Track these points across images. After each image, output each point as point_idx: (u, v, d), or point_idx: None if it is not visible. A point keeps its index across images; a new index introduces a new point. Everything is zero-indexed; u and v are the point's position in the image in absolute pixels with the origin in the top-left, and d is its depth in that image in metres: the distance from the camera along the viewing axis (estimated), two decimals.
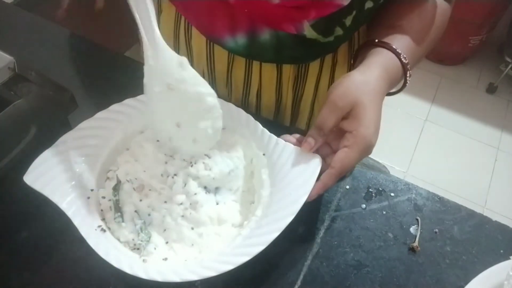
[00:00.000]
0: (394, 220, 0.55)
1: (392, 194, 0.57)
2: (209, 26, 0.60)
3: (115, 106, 0.54)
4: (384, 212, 0.56)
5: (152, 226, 0.48)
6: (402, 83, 0.56)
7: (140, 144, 0.53)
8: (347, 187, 0.58)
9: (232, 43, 0.59)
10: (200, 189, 0.49)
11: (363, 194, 0.57)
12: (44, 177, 0.46)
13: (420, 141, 1.87)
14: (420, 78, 2.06)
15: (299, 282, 0.49)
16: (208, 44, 0.63)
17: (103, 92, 0.67)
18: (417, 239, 0.53)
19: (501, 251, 0.53)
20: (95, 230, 0.45)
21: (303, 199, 0.46)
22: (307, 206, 0.46)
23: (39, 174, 0.46)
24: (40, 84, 0.51)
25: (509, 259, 0.50)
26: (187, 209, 0.48)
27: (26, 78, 0.52)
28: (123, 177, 0.50)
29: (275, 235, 0.43)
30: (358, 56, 0.58)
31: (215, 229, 0.48)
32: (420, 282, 0.50)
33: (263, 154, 0.52)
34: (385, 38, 0.54)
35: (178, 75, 0.46)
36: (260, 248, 0.42)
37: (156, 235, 0.47)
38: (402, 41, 0.54)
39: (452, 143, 1.87)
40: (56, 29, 0.76)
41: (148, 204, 0.48)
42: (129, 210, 0.48)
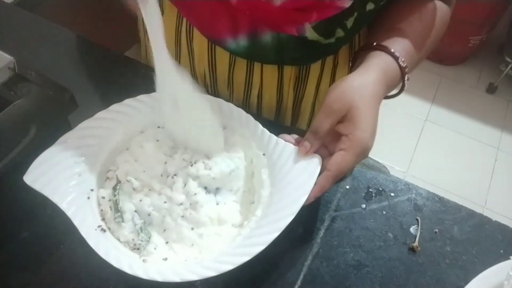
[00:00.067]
0: (394, 220, 0.55)
1: (392, 194, 0.57)
2: (210, 27, 0.60)
3: (115, 106, 0.54)
4: (384, 212, 0.56)
5: (152, 226, 0.48)
6: (400, 87, 0.56)
7: (140, 144, 0.53)
8: (347, 187, 0.58)
9: (233, 44, 0.59)
10: (200, 189, 0.49)
11: (363, 194, 0.57)
12: (44, 177, 0.46)
13: (420, 141, 1.87)
14: (420, 78, 2.05)
15: (299, 282, 0.49)
16: (209, 45, 0.63)
17: (103, 92, 0.67)
18: (417, 239, 0.53)
19: (501, 251, 0.53)
20: (95, 230, 0.45)
21: (303, 199, 0.46)
22: (307, 206, 0.46)
23: (39, 174, 0.46)
24: (40, 84, 0.51)
25: (509, 259, 0.50)
26: (187, 209, 0.48)
27: (26, 78, 0.52)
28: (123, 177, 0.50)
29: (275, 235, 0.43)
30: (357, 59, 0.58)
31: (215, 229, 0.48)
32: (420, 282, 0.50)
33: (263, 154, 0.52)
34: (384, 41, 0.54)
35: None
36: (260, 248, 0.42)
37: (156, 235, 0.48)
38: (401, 44, 0.54)
39: (452, 143, 1.87)
40: (56, 29, 0.76)
41: (148, 204, 0.48)
42: (128, 210, 0.48)
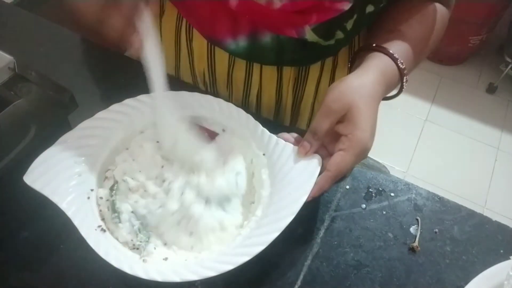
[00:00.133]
0: (394, 220, 0.55)
1: (392, 194, 0.57)
2: (210, 28, 0.60)
3: (115, 106, 0.54)
4: (384, 212, 0.56)
5: (150, 227, 0.48)
6: (398, 88, 0.56)
7: (140, 144, 0.53)
8: (347, 187, 0.58)
9: (233, 45, 0.59)
10: (199, 199, 0.48)
11: (363, 194, 0.57)
12: (44, 177, 0.46)
13: (420, 141, 1.86)
14: (420, 78, 2.05)
15: (299, 282, 0.49)
16: (209, 45, 0.63)
17: (103, 92, 0.67)
18: (417, 239, 0.53)
19: (501, 251, 0.53)
20: (95, 230, 0.45)
21: (303, 199, 0.46)
22: (307, 206, 0.46)
23: (39, 174, 0.46)
24: (40, 84, 0.51)
25: (509, 259, 0.50)
26: (183, 218, 0.47)
27: (26, 78, 0.52)
28: (120, 177, 0.50)
29: (275, 235, 0.43)
30: (356, 60, 0.58)
31: (216, 234, 0.47)
32: (420, 282, 0.50)
33: (263, 154, 0.52)
34: (384, 42, 0.54)
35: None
36: (260, 248, 0.42)
37: (154, 236, 0.47)
38: (400, 46, 0.54)
39: (452, 143, 1.87)
40: (56, 29, 0.76)
41: (143, 206, 0.48)
42: (125, 210, 0.47)
